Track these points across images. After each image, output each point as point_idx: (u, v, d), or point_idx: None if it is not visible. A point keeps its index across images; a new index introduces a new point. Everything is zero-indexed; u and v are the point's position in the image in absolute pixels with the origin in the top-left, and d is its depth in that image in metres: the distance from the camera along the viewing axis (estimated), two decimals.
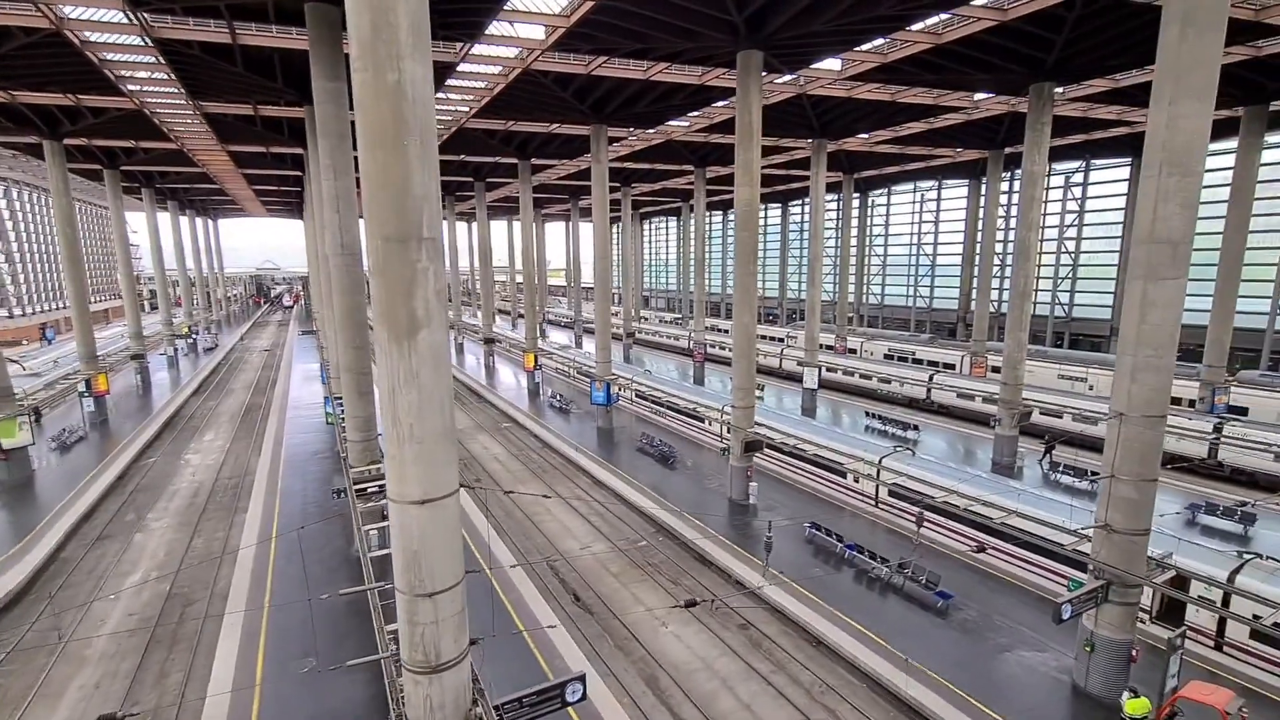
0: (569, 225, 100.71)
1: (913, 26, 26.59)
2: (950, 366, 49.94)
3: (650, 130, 45.97)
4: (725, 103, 36.41)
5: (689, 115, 42.13)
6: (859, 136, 47.88)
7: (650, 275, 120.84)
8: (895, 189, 71.79)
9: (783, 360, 59.42)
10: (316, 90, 21.39)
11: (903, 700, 15.87)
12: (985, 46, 27.65)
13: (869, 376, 50.88)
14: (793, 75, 33.19)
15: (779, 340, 65.99)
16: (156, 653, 18.41)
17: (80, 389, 40.94)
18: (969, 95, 36.78)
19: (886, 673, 16.62)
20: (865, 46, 28.88)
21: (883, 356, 55.80)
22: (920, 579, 20.23)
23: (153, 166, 58.50)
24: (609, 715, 15.27)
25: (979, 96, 37.20)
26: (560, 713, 13.69)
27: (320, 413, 39.96)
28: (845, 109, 39.87)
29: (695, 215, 59.30)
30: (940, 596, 19.57)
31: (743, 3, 23.31)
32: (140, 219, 76.00)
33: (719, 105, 37.65)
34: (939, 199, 67.61)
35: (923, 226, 69.55)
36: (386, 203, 8.63)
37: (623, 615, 20.16)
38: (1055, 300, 57.27)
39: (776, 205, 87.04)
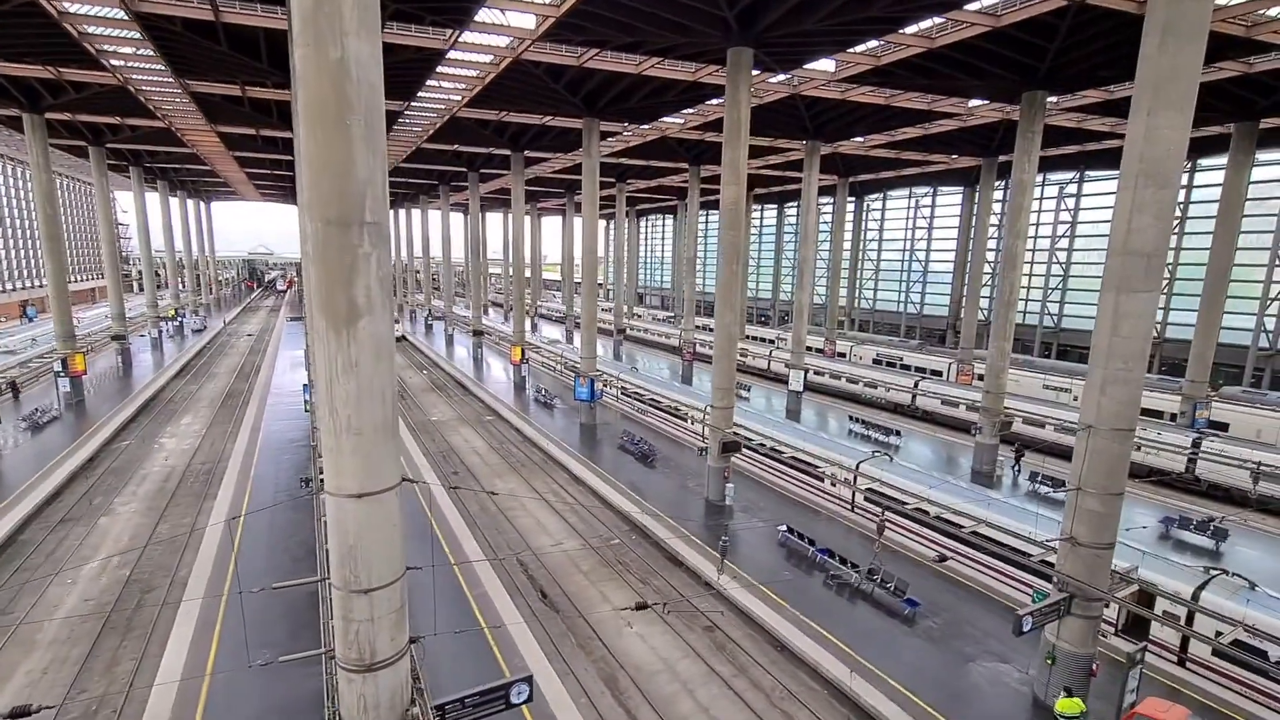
0: (564, 220, 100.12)
1: (906, 30, 26.37)
2: (938, 373, 49.89)
3: (645, 126, 45.67)
4: (719, 100, 36.06)
5: (683, 112, 41.82)
6: (854, 140, 47.69)
7: (646, 273, 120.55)
8: (891, 194, 71.70)
9: (771, 362, 59.27)
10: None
11: (862, 708, 15.70)
12: (978, 52, 27.48)
13: (855, 380, 50.77)
14: (786, 75, 32.92)
15: (769, 342, 65.82)
16: (110, 639, 18.06)
17: (56, 369, 40.37)
18: (963, 101, 36.62)
19: (847, 679, 16.44)
20: (859, 49, 28.67)
21: (871, 361, 55.75)
22: (889, 586, 20.07)
23: (140, 145, 57.80)
24: (563, 717, 15.01)
25: (973, 103, 37.05)
26: (512, 713, 13.56)
27: (300, 400, 39.54)
28: (839, 111, 39.64)
29: (688, 214, 58.98)
30: (908, 604, 19.42)
31: None
32: (132, 199, 75.02)
33: (713, 103, 37.34)
34: (933, 205, 67.56)
35: (916, 232, 69.51)
36: (327, 185, 8.33)
37: (588, 614, 19.93)
38: (1045, 310, 57.32)
39: (772, 206, 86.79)
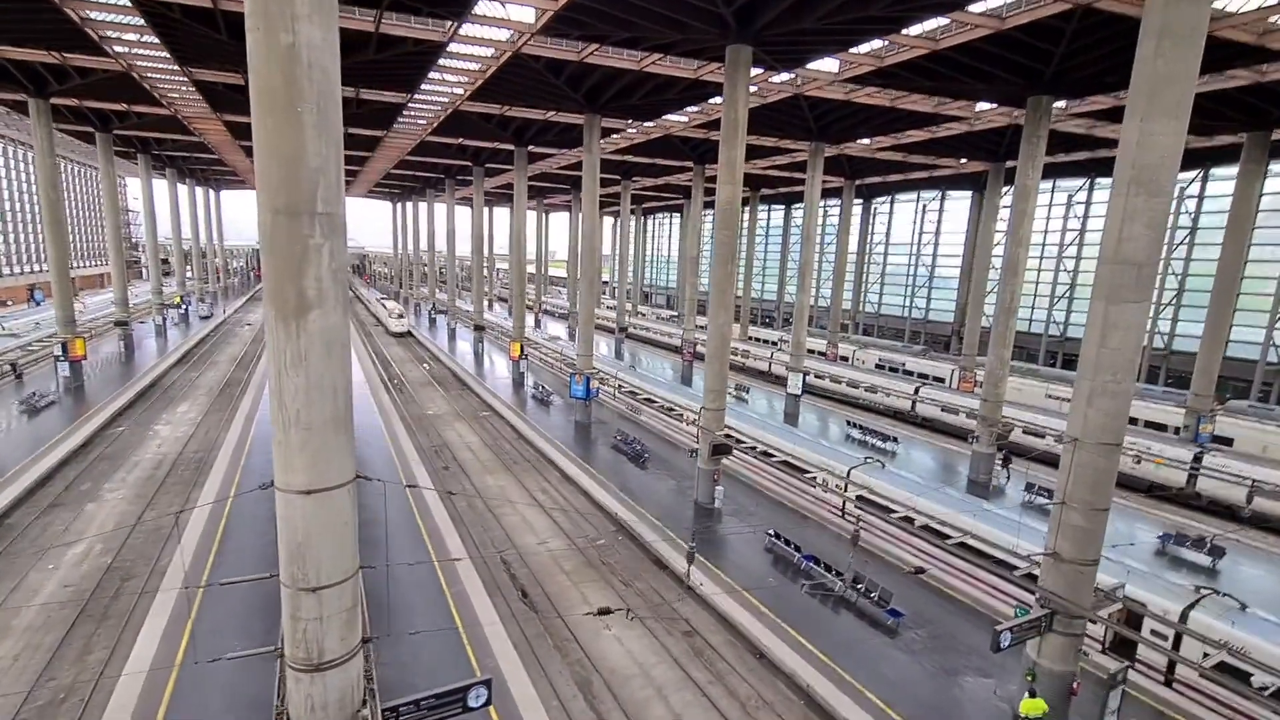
0: (571, 217, 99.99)
1: (910, 31, 26.02)
2: (941, 379, 49.35)
3: (649, 124, 45.41)
4: (722, 99, 35.76)
5: (686, 111, 41.55)
6: (860, 142, 47.25)
7: (652, 271, 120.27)
8: (898, 197, 71.08)
9: (772, 364, 58.87)
10: None
11: None
12: (983, 55, 27.05)
13: (855, 385, 50.32)
14: (789, 75, 32.56)
15: (772, 344, 65.40)
16: (84, 627, 18.02)
17: (56, 353, 40.57)
18: (970, 105, 36.13)
19: (824, 690, 16.16)
20: (863, 49, 28.31)
21: (874, 366, 55.24)
22: (873, 595, 19.75)
23: (147, 132, 58.02)
24: (530, 718, 14.80)
25: (980, 107, 36.55)
26: (479, 716, 13.37)
27: None
28: (844, 112, 39.22)
29: (691, 211, 58.69)
30: (891, 614, 19.09)
31: None
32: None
33: (716, 102, 36.99)
34: (940, 210, 66.92)
35: (923, 237, 68.89)
36: (277, 173, 8.12)
37: (567, 615, 19.71)
38: (1051, 319, 56.64)
39: (780, 207, 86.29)
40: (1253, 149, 32.34)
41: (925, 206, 68.32)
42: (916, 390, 45.45)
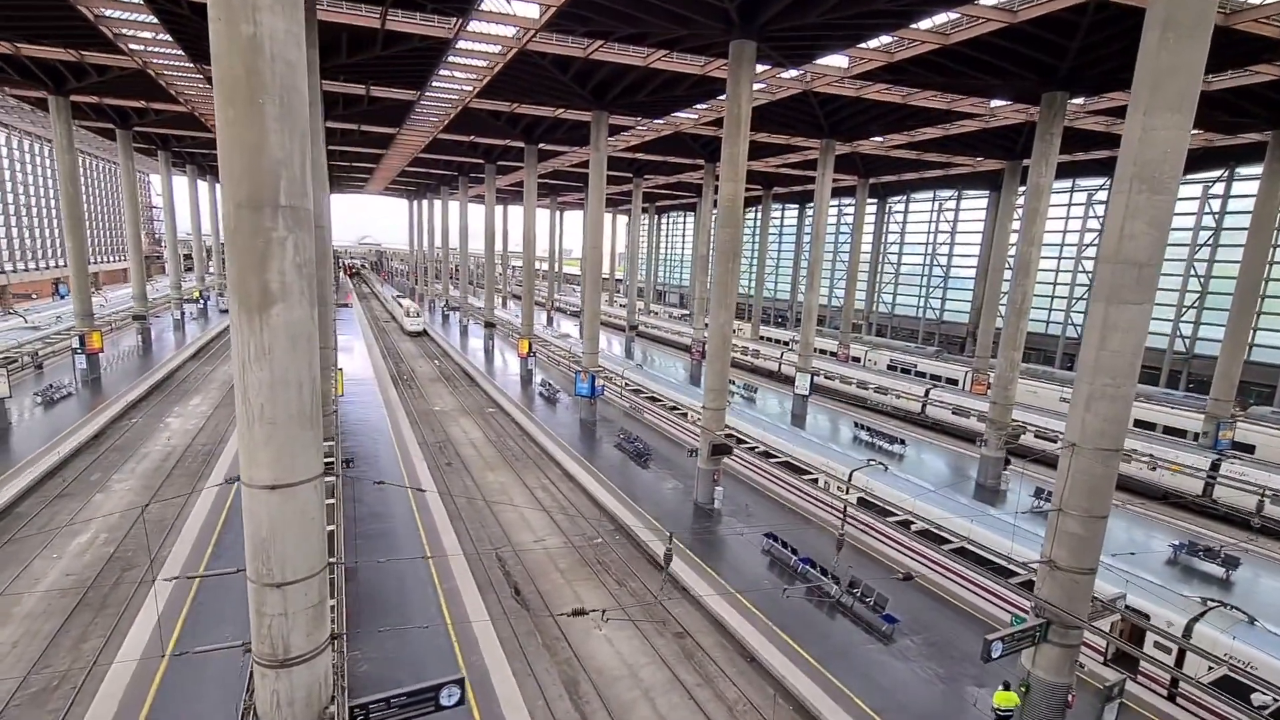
0: (585, 214, 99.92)
1: (920, 25, 25.53)
2: (954, 381, 48.53)
3: (659, 121, 45.14)
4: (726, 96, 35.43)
5: (696, 108, 41.24)
6: (872, 139, 46.57)
7: (666, 270, 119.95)
8: (914, 196, 70.04)
9: (781, 364, 58.34)
10: None
11: None
12: (994, 50, 26.40)
13: (865, 386, 49.67)
14: (798, 71, 32.15)
15: (783, 344, 64.83)
16: (83, 615, 18.28)
17: (74, 346, 41.35)
18: (984, 101, 35.40)
19: (813, 696, 15.88)
20: (871, 45, 27.86)
21: (886, 367, 54.49)
22: (868, 600, 19.39)
23: (166, 129, 58.92)
24: (513, 718, 14.69)
25: (995, 104, 35.80)
26: (462, 714, 13.30)
27: None
28: (855, 109, 38.63)
29: (700, 210, 58.33)
30: (886, 620, 18.72)
31: None
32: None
33: (725, 99, 36.63)
34: (957, 209, 65.82)
35: (939, 236, 67.81)
36: (239, 165, 8.06)
37: (557, 613, 19.60)
38: (1068, 321, 55.45)
39: (794, 206, 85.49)
40: (1278, 147, 31.27)
41: (941, 205, 67.24)
42: (926, 392, 44.73)
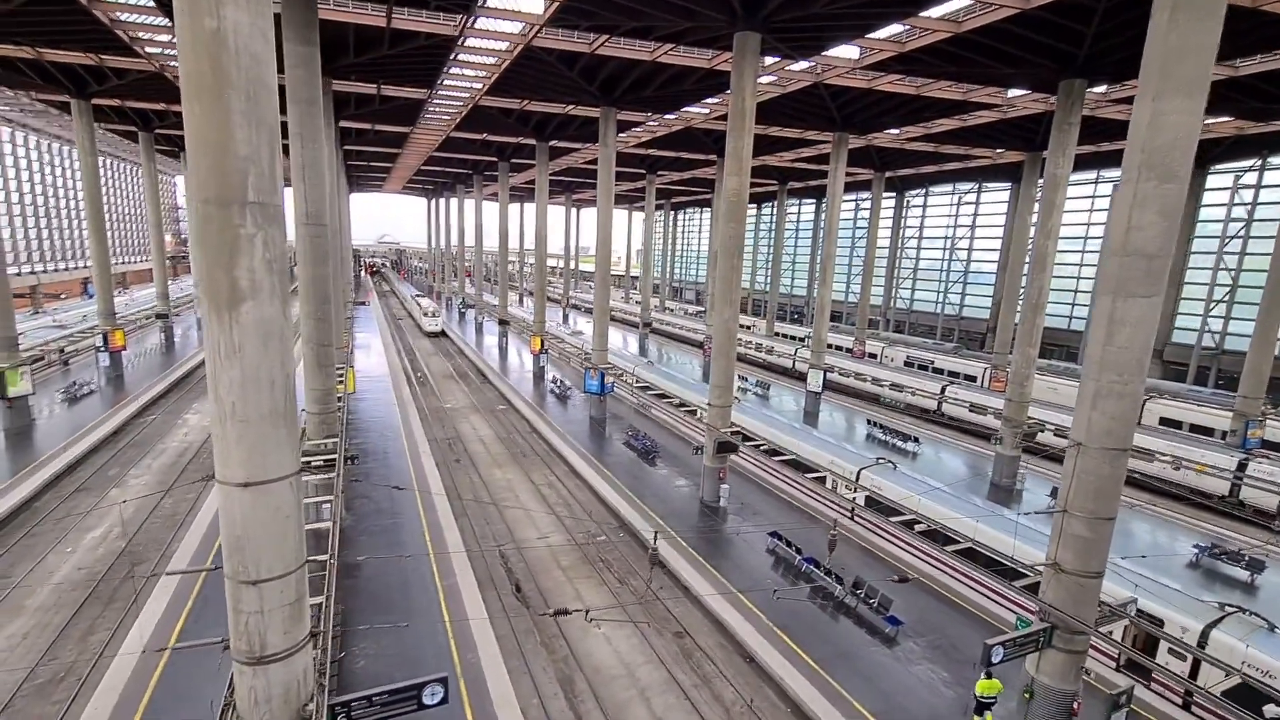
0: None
1: (931, 13, 24.89)
2: (972, 378, 47.56)
3: (671, 116, 44.79)
4: (730, 89, 35.01)
5: (706, 103, 40.81)
6: (887, 132, 45.72)
7: (681, 266, 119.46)
8: (933, 190, 68.76)
9: (795, 361, 57.72)
10: (287, 54, 21.06)
11: None
12: (1010, 38, 25.68)
13: (880, 383, 48.90)
14: (808, 63, 31.63)
15: (798, 340, 64.14)
16: (92, 609, 18.63)
17: (97, 344, 42.31)
18: (1001, 91, 34.51)
19: (810, 699, 15.58)
20: (882, 34, 27.25)
21: (903, 364, 53.61)
22: (872, 601, 19.01)
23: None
24: (506, 718, 14.61)
25: (1012, 93, 34.88)
26: (451, 714, 13.27)
27: None
28: (867, 101, 37.96)
29: (715, 206, 57.86)
30: (890, 622, 18.33)
31: None
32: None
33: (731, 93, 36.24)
34: (977, 202, 64.46)
35: (958, 230, 66.50)
36: (205, 162, 8.01)
37: (537, 612, 19.46)
38: (1091, 316, 53.98)
39: (810, 201, 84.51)
40: None
41: (961, 199, 65.91)
42: (943, 389, 43.88)
